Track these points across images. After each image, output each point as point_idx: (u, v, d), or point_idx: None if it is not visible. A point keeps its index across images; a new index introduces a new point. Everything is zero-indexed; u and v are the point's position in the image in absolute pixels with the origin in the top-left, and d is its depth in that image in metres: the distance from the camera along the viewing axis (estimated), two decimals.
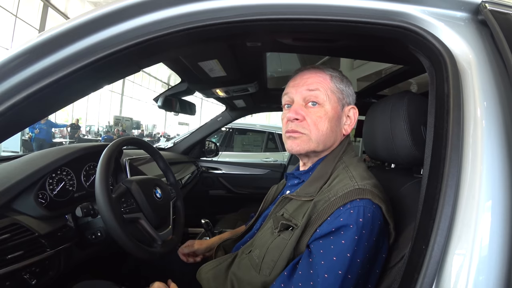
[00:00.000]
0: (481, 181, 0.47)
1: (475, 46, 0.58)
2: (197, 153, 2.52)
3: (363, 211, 0.63)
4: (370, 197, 0.65)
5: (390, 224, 0.66)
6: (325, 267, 0.60)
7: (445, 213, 0.44)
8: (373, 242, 0.63)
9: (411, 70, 1.28)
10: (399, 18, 0.59)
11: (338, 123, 0.78)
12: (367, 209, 0.63)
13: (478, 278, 0.43)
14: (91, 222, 0.97)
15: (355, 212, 0.63)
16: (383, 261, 0.66)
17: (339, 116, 0.78)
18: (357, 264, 0.61)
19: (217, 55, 1.09)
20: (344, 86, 0.79)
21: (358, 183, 0.68)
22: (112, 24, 0.57)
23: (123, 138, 1.03)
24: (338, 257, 0.60)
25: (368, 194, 0.65)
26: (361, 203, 0.64)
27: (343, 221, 0.62)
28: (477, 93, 0.53)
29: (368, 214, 0.63)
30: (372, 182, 0.70)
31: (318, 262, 0.61)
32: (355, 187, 0.67)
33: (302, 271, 0.63)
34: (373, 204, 0.64)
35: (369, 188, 0.67)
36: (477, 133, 0.50)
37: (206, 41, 0.68)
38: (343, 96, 0.79)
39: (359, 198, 0.65)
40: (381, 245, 0.66)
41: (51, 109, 0.65)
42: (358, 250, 0.61)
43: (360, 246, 0.61)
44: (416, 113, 0.77)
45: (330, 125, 0.76)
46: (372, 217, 0.63)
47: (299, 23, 0.60)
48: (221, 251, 1.01)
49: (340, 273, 0.59)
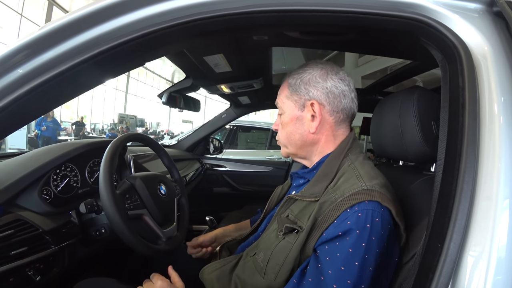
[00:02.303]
0: (499, 179, 0.45)
1: (491, 38, 0.55)
2: (202, 150, 2.51)
3: (371, 216, 0.60)
4: (379, 200, 0.62)
5: (401, 226, 0.63)
6: (333, 277, 0.58)
7: (462, 210, 0.43)
8: (383, 248, 0.60)
9: (418, 66, 1.25)
10: (411, 10, 0.57)
11: (300, 124, 0.76)
12: (376, 213, 0.60)
13: (496, 278, 0.41)
14: (95, 219, 0.96)
15: (363, 216, 0.60)
16: (395, 266, 0.64)
17: (298, 118, 0.76)
18: (369, 272, 0.58)
19: (222, 49, 1.07)
20: (302, 84, 0.75)
21: (366, 184, 0.64)
22: (115, 16, 0.56)
23: (127, 134, 1.02)
24: (346, 266, 0.58)
25: (377, 196, 0.62)
26: (369, 206, 0.61)
27: (350, 224, 0.60)
28: (493, 87, 0.51)
29: (377, 219, 0.60)
30: (380, 182, 0.67)
31: (326, 271, 0.59)
32: (363, 188, 0.64)
33: (312, 278, 0.61)
34: (381, 207, 0.62)
35: (378, 189, 0.64)
36: (494, 128, 0.48)
37: (211, 34, 0.66)
38: (300, 97, 0.75)
39: (368, 200, 0.62)
40: (393, 249, 0.63)
41: (54, 103, 0.64)
42: (369, 258, 0.58)
43: (370, 253, 0.59)
44: (426, 108, 0.75)
45: (290, 130, 0.78)
46: (381, 222, 0.60)
47: (307, 14, 0.58)
48: (226, 251, 1.00)
49: (349, 283, 0.57)
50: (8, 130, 0.61)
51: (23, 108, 0.56)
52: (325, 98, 0.74)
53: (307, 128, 0.75)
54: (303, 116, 0.76)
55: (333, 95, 0.74)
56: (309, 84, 0.74)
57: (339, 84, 0.74)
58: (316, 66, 0.76)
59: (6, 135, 0.62)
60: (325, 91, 0.73)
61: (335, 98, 0.74)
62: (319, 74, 0.74)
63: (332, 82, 0.74)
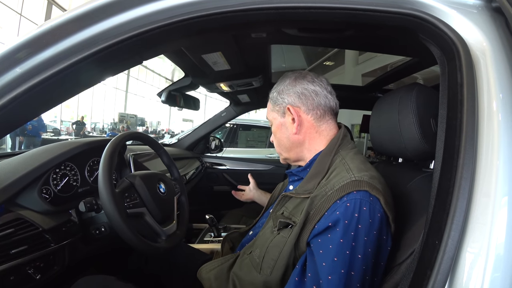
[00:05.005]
0: (497, 176, 0.45)
1: (490, 34, 0.55)
2: (202, 148, 2.52)
3: (360, 204, 0.62)
4: (368, 189, 0.64)
5: (389, 217, 0.64)
6: (327, 269, 0.60)
7: (460, 207, 0.43)
8: (373, 235, 0.62)
9: (419, 63, 1.25)
10: (409, 6, 0.57)
11: (285, 129, 0.84)
12: (364, 202, 0.62)
13: (494, 275, 0.41)
14: (95, 217, 0.96)
15: (351, 206, 0.62)
16: (387, 254, 0.65)
17: (282, 124, 0.84)
18: (358, 259, 0.60)
19: (221, 47, 1.07)
20: (278, 95, 0.83)
21: (355, 175, 0.67)
22: (113, 15, 0.56)
23: (127, 132, 1.02)
24: (338, 256, 0.60)
25: (365, 186, 0.64)
26: (358, 196, 0.63)
27: (339, 214, 0.62)
28: (492, 84, 0.51)
29: (364, 208, 0.62)
30: (370, 174, 0.69)
31: (320, 263, 0.61)
32: (351, 179, 0.66)
33: (311, 273, 0.62)
34: (370, 196, 0.63)
35: (366, 179, 0.66)
36: (492, 125, 0.48)
37: (209, 32, 0.66)
38: (279, 106, 0.83)
39: (356, 190, 0.64)
40: (385, 237, 0.64)
41: (53, 101, 0.64)
42: (357, 245, 0.60)
43: (358, 241, 0.60)
44: (425, 105, 0.75)
45: (279, 136, 0.86)
46: (369, 210, 0.62)
47: (304, 11, 0.58)
48: (228, 243, 1.02)
49: (343, 272, 0.59)
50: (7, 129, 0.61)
51: (22, 107, 0.56)
52: (298, 101, 0.81)
53: (291, 131, 0.82)
54: (285, 121, 0.83)
55: (304, 96, 0.80)
56: (283, 93, 0.83)
57: (308, 85, 0.81)
58: (287, 77, 0.85)
59: (6, 134, 0.62)
60: (296, 94, 0.81)
61: (307, 98, 0.80)
62: (289, 82, 0.83)
63: (301, 86, 0.81)
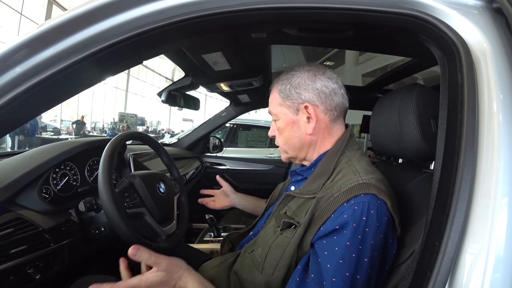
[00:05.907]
0: (498, 177, 0.44)
1: (490, 35, 0.55)
2: (202, 148, 2.52)
3: (367, 208, 0.61)
4: (375, 192, 0.63)
5: (396, 220, 0.64)
6: (332, 271, 0.58)
7: (460, 208, 0.42)
8: (380, 239, 0.61)
9: (419, 63, 1.24)
10: (409, 6, 0.57)
11: (296, 128, 0.77)
12: (372, 205, 0.62)
13: (494, 276, 0.41)
14: (94, 217, 0.96)
15: (359, 209, 0.61)
16: (392, 257, 0.64)
17: (294, 122, 0.77)
18: (364, 263, 0.59)
19: (221, 47, 1.07)
20: (292, 89, 0.76)
21: (362, 178, 0.66)
22: (113, 14, 0.56)
23: (127, 132, 1.02)
24: (344, 259, 0.59)
25: (373, 189, 0.63)
26: (365, 199, 0.62)
27: (347, 217, 0.61)
28: (493, 84, 0.51)
29: (372, 211, 0.61)
30: (377, 177, 0.68)
31: (324, 265, 0.60)
32: (359, 182, 0.65)
33: (314, 274, 0.61)
34: (378, 199, 0.63)
35: (374, 182, 0.65)
36: (493, 125, 0.48)
37: (209, 32, 0.66)
38: (293, 102, 0.76)
39: (364, 193, 0.63)
40: (391, 241, 0.64)
41: (53, 101, 0.64)
42: (363, 249, 0.59)
43: (365, 245, 0.59)
44: (425, 106, 0.74)
45: (288, 134, 0.79)
46: (376, 214, 0.61)
47: (304, 11, 0.58)
48: (228, 244, 1.01)
49: (348, 275, 0.58)
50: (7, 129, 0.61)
51: (22, 106, 0.56)
52: (317, 99, 0.75)
53: (304, 130, 0.76)
54: (298, 119, 0.77)
55: (324, 94, 0.75)
56: (299, 87, 0.75)
57: (328, 83, 0.75)
58: (302, 69, 0.77)
59: (5, 134, 0.62)
60: (316, 92, 0.74)
61: (327, 97, 0.75)
62: (307, 76, 0.75)
63: (321, 82, 0.75)
